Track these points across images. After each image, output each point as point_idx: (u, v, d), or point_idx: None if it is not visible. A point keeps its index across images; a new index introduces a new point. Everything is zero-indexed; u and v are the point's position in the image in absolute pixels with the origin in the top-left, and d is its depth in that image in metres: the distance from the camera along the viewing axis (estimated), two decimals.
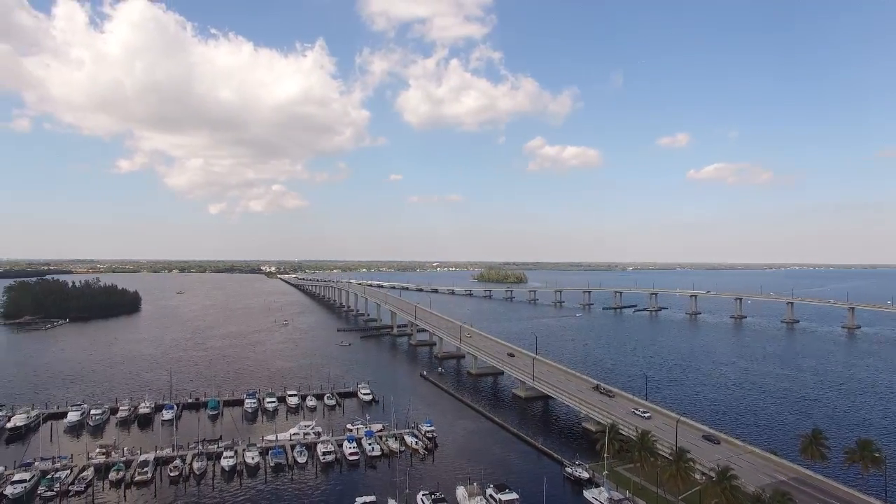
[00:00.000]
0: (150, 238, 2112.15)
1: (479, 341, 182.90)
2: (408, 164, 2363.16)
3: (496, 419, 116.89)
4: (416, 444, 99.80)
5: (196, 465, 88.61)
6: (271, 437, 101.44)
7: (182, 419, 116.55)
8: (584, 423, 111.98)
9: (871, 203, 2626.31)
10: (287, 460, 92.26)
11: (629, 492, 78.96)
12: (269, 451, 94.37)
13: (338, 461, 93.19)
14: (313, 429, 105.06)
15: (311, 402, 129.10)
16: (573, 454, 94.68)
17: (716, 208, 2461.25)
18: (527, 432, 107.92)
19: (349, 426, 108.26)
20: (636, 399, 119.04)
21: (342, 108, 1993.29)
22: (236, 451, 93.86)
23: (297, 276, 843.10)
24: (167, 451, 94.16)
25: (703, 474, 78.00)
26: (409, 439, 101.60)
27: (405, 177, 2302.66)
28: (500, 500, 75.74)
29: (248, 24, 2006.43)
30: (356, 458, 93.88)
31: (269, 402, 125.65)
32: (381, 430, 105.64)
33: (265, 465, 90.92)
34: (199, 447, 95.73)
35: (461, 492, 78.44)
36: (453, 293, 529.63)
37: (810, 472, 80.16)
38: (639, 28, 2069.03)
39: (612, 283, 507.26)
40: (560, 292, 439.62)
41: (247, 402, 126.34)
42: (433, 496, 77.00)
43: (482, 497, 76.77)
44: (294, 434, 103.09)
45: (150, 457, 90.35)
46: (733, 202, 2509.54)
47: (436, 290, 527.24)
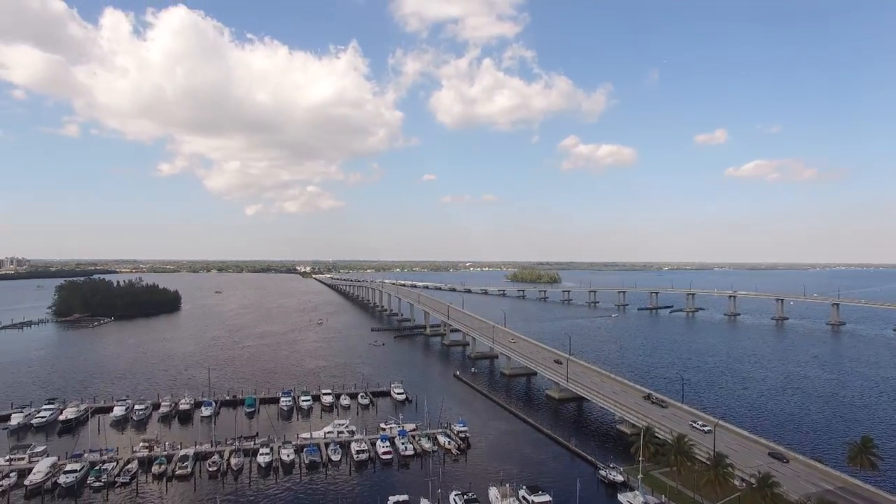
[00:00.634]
0: (189, 238, 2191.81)
1: (523, 346, 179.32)
2: (441, 165, 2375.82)
3: (529, 420, 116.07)
4: (448, 443, 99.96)
5: (234, 460, 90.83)
6: (306, 435, 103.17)
7: (220, 416, 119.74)
8: (618, 426, 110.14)
9: None
10: (321, 458, 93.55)
11: (665, 496, 77.22)
12: (304, 449, 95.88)
13: (371, 460, 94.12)
14: (347, 427, 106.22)
15: (345, 401, 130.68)
16: (607, 457, 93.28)
17: (756, 206, 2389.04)
18: (560, 434, 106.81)
19: (382, 425, 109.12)
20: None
21: (375, 109, 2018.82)
22: (272, 448, 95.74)
23: (332, 276, 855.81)
24: (206, 447, 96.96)
25: (742, 480, 75.76)
26: (441, 439, 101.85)
27: (438, 177, 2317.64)
28: (532, 501, 75.19)
29: (283, 28, 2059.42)
30: (389, 457, 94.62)
31: (304, 401, 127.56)
32: (414, 430, 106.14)
33: (300, 463, 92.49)
34: (237, 443, 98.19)
35: (493, 492, 78.24)
36: (486, 293, 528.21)
37: (859, 482, 76.45)
38: (674, 23, 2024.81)
39: (647, 284, 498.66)
40: (594, 292, 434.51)
41: (282, 400, 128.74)
42: (465, 496, 76.90)
43: (515, 498, 76.37)
44: (328, 432, 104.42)
45: (190, 451, 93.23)
46: (774, 200, 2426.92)
47: (469, 290, 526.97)
